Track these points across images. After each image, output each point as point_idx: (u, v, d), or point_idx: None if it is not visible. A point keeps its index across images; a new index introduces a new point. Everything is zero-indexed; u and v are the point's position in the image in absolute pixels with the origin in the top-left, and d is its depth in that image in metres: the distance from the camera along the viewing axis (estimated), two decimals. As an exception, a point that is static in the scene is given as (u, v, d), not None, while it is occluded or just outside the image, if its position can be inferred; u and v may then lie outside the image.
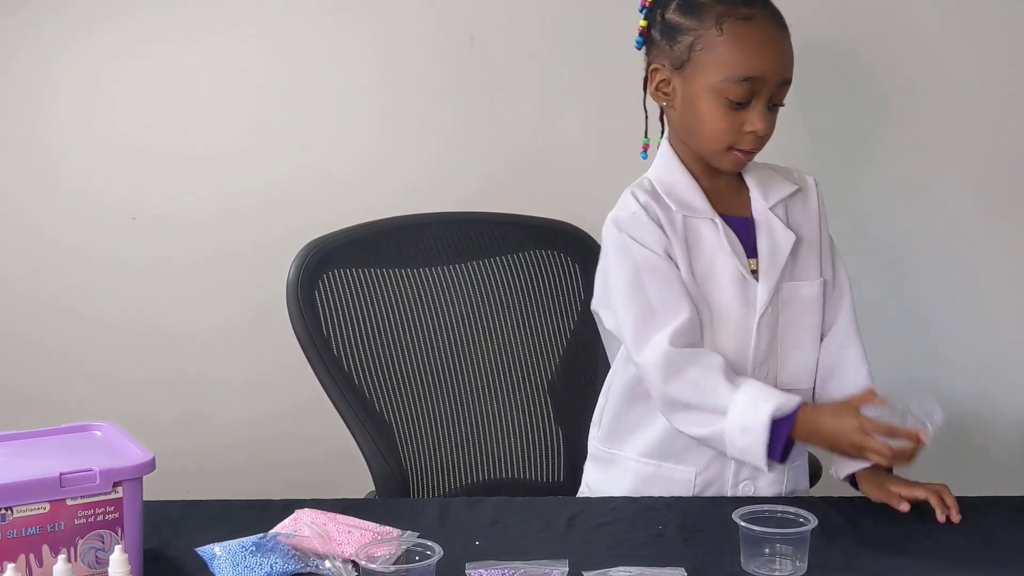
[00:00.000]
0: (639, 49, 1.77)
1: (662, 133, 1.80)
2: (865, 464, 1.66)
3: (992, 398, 2.37)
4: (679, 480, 1.75)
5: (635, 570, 1.39)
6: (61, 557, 1.26)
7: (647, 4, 1.74)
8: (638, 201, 1.71)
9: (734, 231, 1.72)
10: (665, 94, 1.73)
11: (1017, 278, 2.33)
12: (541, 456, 2.09)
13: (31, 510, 1.30)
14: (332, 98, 2.28)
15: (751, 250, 1.73)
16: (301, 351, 1.89)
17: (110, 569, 1.28)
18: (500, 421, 2.05)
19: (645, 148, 1.81)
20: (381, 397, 1.94)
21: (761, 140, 1.69)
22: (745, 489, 1.75)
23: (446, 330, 2.02)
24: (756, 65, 1.64)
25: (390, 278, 1.99)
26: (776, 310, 1.73)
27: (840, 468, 1.72)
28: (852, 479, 1.71)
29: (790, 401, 1.58)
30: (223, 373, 2.37)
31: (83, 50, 2.26)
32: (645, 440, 1.77)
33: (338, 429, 1.91)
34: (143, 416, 2.29)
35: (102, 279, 2.33)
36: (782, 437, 1.57)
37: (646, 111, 1.80)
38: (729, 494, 1.74)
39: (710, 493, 1.75)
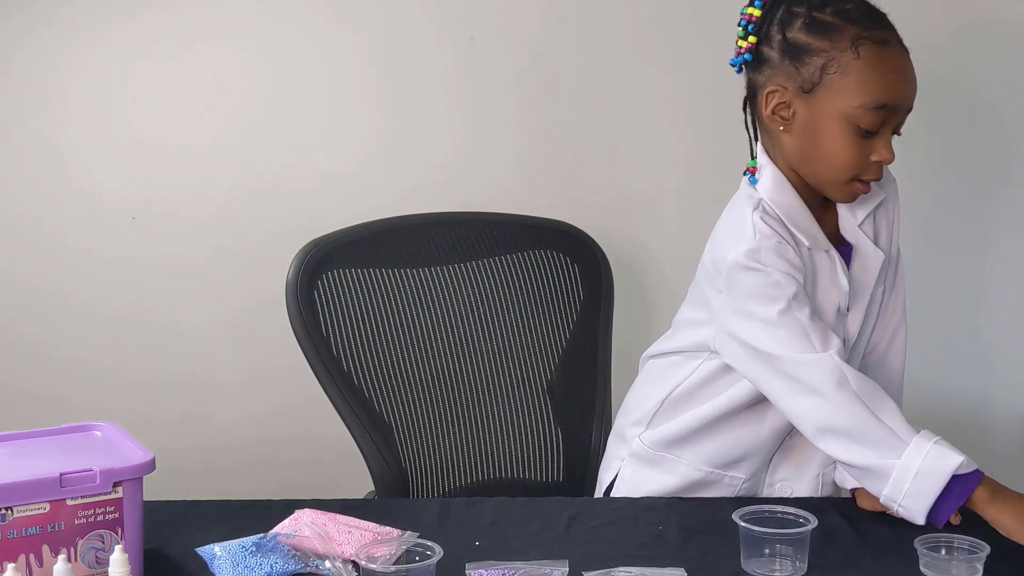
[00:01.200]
0: (735, 66, 1.66)
1: (752, 154, 1.70)
2: None
3: (992, 398, 2.37)
4: (726, 485, 1.75)
5: (635, 570, 1.39)
6: (61, 557, 1.26)
7: (754, 20, 1.62)
8: (772, 228, 1.61)
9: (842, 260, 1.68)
10: (783, 118, 1.62)
11: (1017, 277, 2.33)
12: (541, 456, 2.08)
13: (31, 510, 1.30)
14: (332, 98, 2.28)
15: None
16: (301, 351, 1.89)
17: (110, 569, 1.28)
18: (500, 421, 2.05)
19: (753, 171, 1.68)
20: (381, 397, 1.94)
21: (882, 171, 1.63)
22: (782, 489, 1.74)
23: (446, 330, 2.02)
24: (892, 91, 1.57)
25: (390, 278, 1.99)
26: (856, 332, 1.72)
27: (844, 478, 1.71)
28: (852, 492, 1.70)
29: (971, 462, 1.52)
30: (223, 372, 2.37)
31: (86, 51, 2.26)
32: (706, 448, 1.75)
33: (338, 429, 1.91)
34: (143, 415, 2.29)
35: (102, 278, 2.33)
36: (959, 493, 1.51)
37: (749, 133, 1.70)
38: (764, 494, 1.75)
39: (748, 494, 1.75)
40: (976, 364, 2.36)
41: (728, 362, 1.67)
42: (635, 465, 1.82)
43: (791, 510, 1.47)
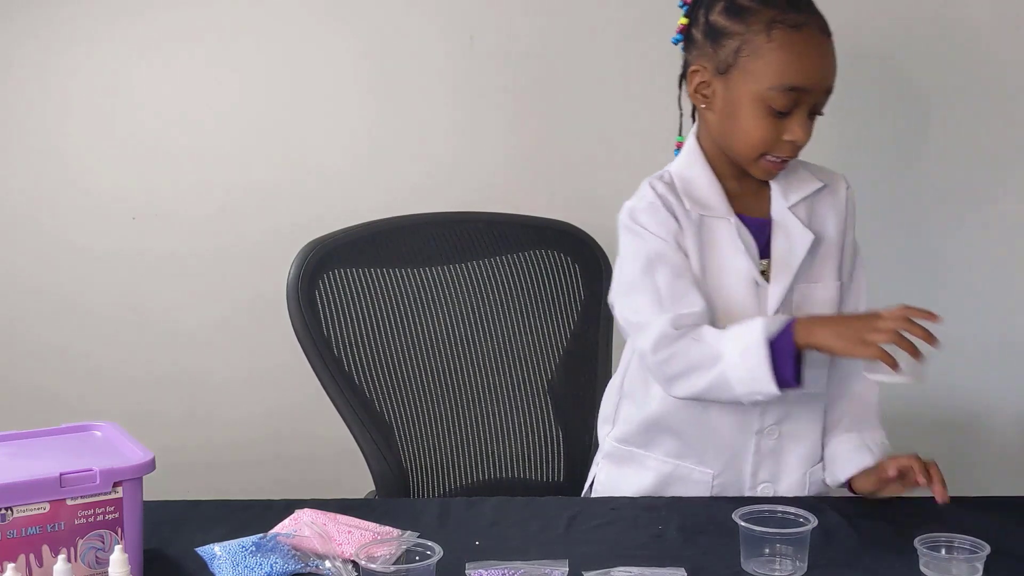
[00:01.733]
0: (676, 45, 1.74)
1: (680, 131, 1.78)
2: (865, 463, 1.67)
3: (992, 398, 2.37)
4: (697, 481, 1.74)
5: (635, 570, 1.39)
6: (61, 557, 1.26)
7: (687, 2, 1.72)
8: (655, 192, 1.70)
9: (751, 232, 1.71)
10: (704, 96, 1.70)
11: (1017, 277, 2.33)
12: (541, 456, 2.08)
13: (31, 510, 1.30)
14: (333, 98, 2.28)
15: (766, 251, 1.71)
16: (302, 351, 1.89)
17: (110, 569, 1.28)
18: (500, 421, 2.05)
19: (679, 146, 1.78)
20: (381, 397, 1.94)
21: (797, 149, 1.68)
22: (765, 491, 1.74)
23: (446, 330, 2.02)
24: (804, 74, 1.62)
25: (390, 278, 1.99)
26: (789, 312, 1.70)
27: (837, 470, 1.72)
28: (848, 485, 1.71)
29: (780, 318, 1.59)
30: (224, 372, 2.37)
31: (87, 51, 2.26)
32: (667, 439, 1.76)
33: (338, 429, 1.91)
34: (143, 414, 2.30)
35: (103, 277, 2.33)
36: (786, 352, 1.55)
37: (681, 109, 1.77)
38: (747, 494, 1.74)
39: (727, 494, 1.74)
40: (976, 364, 2.35)
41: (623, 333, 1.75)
42: (608, 466, 1.84)
43: (791, 510, 1.47)
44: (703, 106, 1.71)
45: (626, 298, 1.70)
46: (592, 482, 1.87)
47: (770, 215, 1.73)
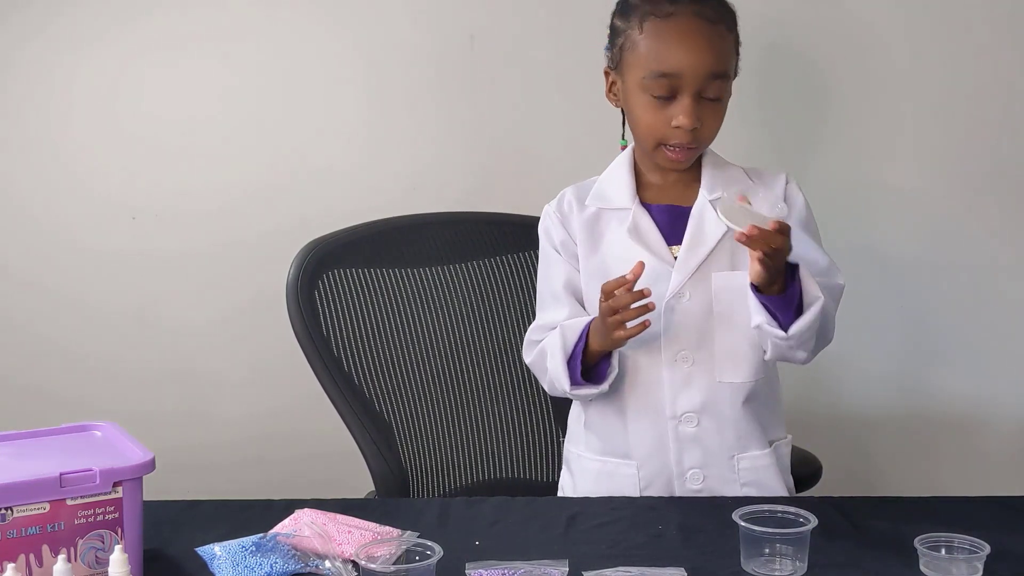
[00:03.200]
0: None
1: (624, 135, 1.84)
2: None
3: (991, 398, 2.37)
4: (625, 475, 1.76)
5: (635, 570, 1.39)
6: (61, 557, 1.26)
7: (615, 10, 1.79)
8: (558, 199, 1.81)
9: (667, 219, 1.75)
10: (615, 95, 1.79)
11: (1015, 277, 2.33)
12: (541, 456, 2.08)
13: (31, 510, 1.30)
14: (333, 98, 2.29)
15: (680, 239, 1.74)
16: (301, 351, 1.89)
17: (110, 569, 1.28)
18: (500, 421, 2.05)
19: (624, 149, 1.83)
20: (381, 397, 1.94)
21: (693, 135, 1.69)
22: (694, 478, 1.74)
23: (446, 330, 2.02)
24: (672, 61, 1.67)
25: (390, 278, 1.99)
26: (706, 299, 1.72)
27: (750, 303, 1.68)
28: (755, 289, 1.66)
29: (582, 320, 1.71)
30: (224, 372, 2.37)
31: (87, 52, 2.27)
32: (593, 437, 1.81)
33: (338, 429, 1.91)
34: (143, 413, 2.30)
35: (103, 277, 2.33)
36: (578, 354, 1.68)
37: (623, 113, 1.81)
38: (677, 492, 1.75)
39: (657, 489, 1.75)
40: (976, 364, 2.35)
41: None
42: (564, 471, 1.90)
43: (791, 510, 1.46)
44: (615, 105, 1.79)
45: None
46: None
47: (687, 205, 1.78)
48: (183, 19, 2.25)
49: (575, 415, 1.86)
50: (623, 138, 1.83)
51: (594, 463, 1.80)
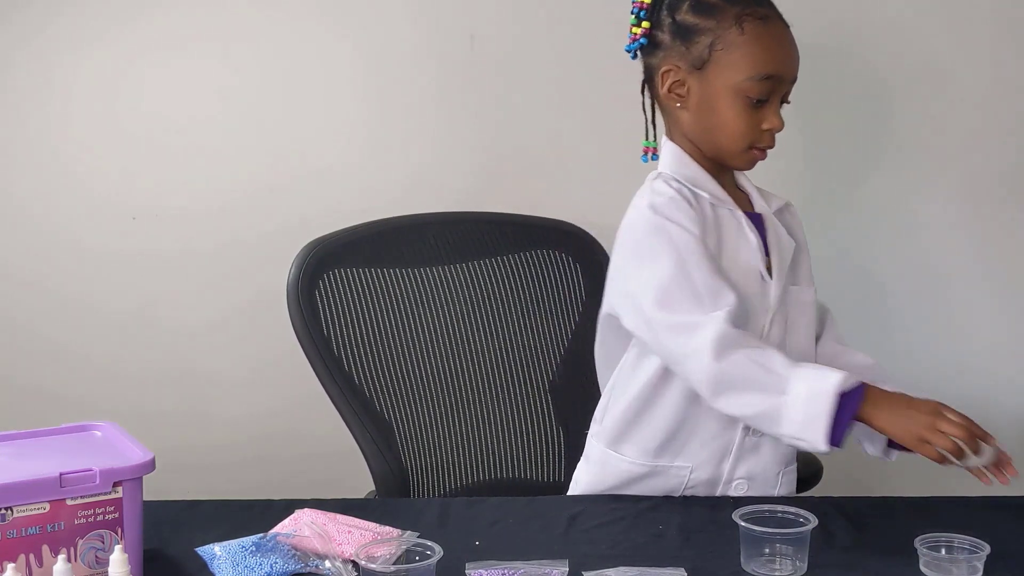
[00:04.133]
0: (630, 52, 1.76)
1: (651, 135, 1.78)
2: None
3: (991, 398, 2.37)
4: (674, 475, 1.73)
5: (635, 570, 1.39)
6: (61, 557, 1.26)
7: (644, 6, 1.73)
8: (670, 186, 1.69)
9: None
10: (679, 95, 1.72)
11: (1015, 277, 2.33)
12: (541, 456, 2.09)
13: (31, 510, 1.30)
14: (333, 98, 2.29)
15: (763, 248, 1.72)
16: (302, 351, 1.89)
17: (110, 569, 1.28)
18: (500, 421, 2.05)
19: (647, 152, 1.77)
20: (381, 397, 1.94)
21: (774, 138, 1.71)
22: (739, 487, 1.73)
23: (447, 330, 2.02)
24: (776, 63, 1.67)
25: (391, 278, 1.99)
26: (785, 312, 1.72)
27: (876, 438, 1.66)
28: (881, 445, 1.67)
29: (852, 377, 1.53)
30: (224, 372, 2.37)
31: (88, 53, 2.26)
32: (646, 440, 1.74)
33: (338, 429, 1.91)
34: (143, 412, 2.30)
35: (103, 277, 2.33)
36: (849, 409, 1.51)
37: (645, 114, 1.78)
38: (719, 492, 1.74)
39: (697, 492, 1.73)
40: (976, 364, 2.35)
41: (628, 328, 1.69)
42: (585, 465, 1.82)
43: (791, 510, 1.47)
44: (677, 105, 1.72)
45: (660, 298, 1.61)
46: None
47: (755, 211, 1.76)
48: (183, 19, 2.25)
49: (623, 417, 1.75)
50: (652, 139, 1.77)
51: (639, 468, 1.74)
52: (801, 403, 1.51)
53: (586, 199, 2.28)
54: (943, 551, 1.42)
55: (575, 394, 2.09)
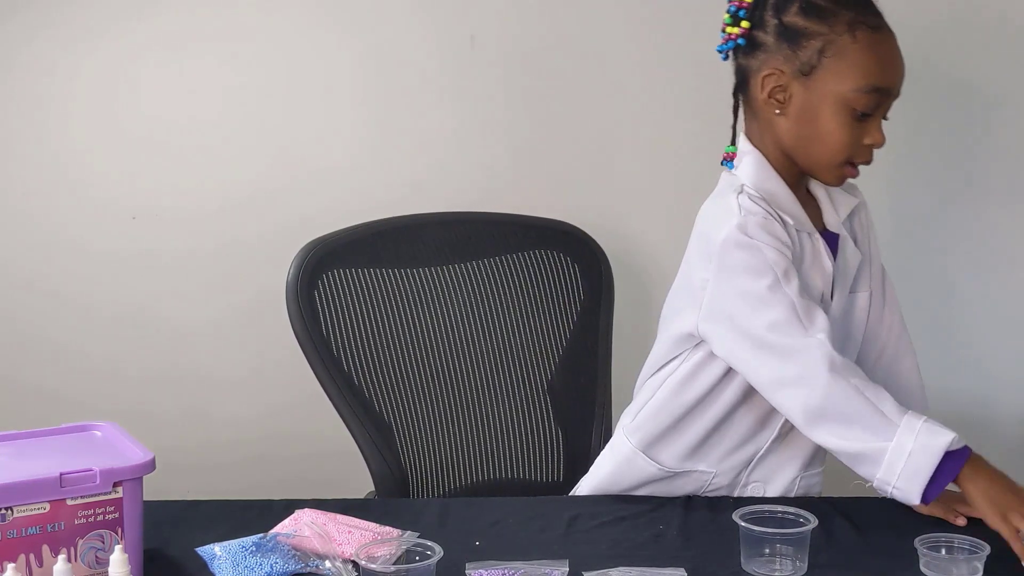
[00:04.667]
0: (722, 52, 1.68)
1: (736, 141, 1.71)
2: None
3: (991, 398, 2.37)
4: (695, 479, 1.72)
5: (635, 570, 1.39)
6: (61, 557, 1.26)
7: (745, 6, 1.64)
8: (760, 206, 1.61)
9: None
10: (779, 101, 1.63)
11: (1015, 276, 2.33)
12: (541, 456, 2.08)
13: (31, 510, 1.30)
14: (333, 98, 2.28)
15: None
16: (301, 351, 1.89)
17: (110, 569, 1.28)
18: (500, 421, 2.05)
19: (728, 157, 1.70)
20: (381, 397, 1.94)
21: (873, 154, 1.65)
22: (755, 491, 1.73)
23: (446, 330, 2.02)
24: (888, 75, 1.60)
25: (390, 278, 1.99)
26: (838, 324, 1.70)
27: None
28: None
29: (961, 440, 1.52)
30: (224, 372, 2.37)
31: (89, 52, 2.26)
32: (680, 447, 1.72)
33: (338, 429, 1.91)
34: (143, 412, 2.30)
35: (103, 277, 2.33)
36: (951, 470, 1.50)
37: (735, 117, 1.71)
38: (736, 494, 1.73)
39: (715, 492, 1.73)
40: (976, 364, 2.35)
41: (715, 350, 1.65)
42: (606, 459, 1.78)
43: (791, 510, 1.47)
44: (776, 112, 1.64)
45: (755, 316, 1.57)
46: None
47: (826, 227, 1.71)
48: (184, 19, 2.25)
49: (662, 421, 1.72)
50: (733, 143, 1.69)
51: (664, 472, 1.72)
52: (906, 456, 1.49)
53: (586, 199, 2.28)
54: (943, 551, 1.42)
55: (574, 394, 2.09)
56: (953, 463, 1.50)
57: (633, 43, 2.25)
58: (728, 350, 1.62)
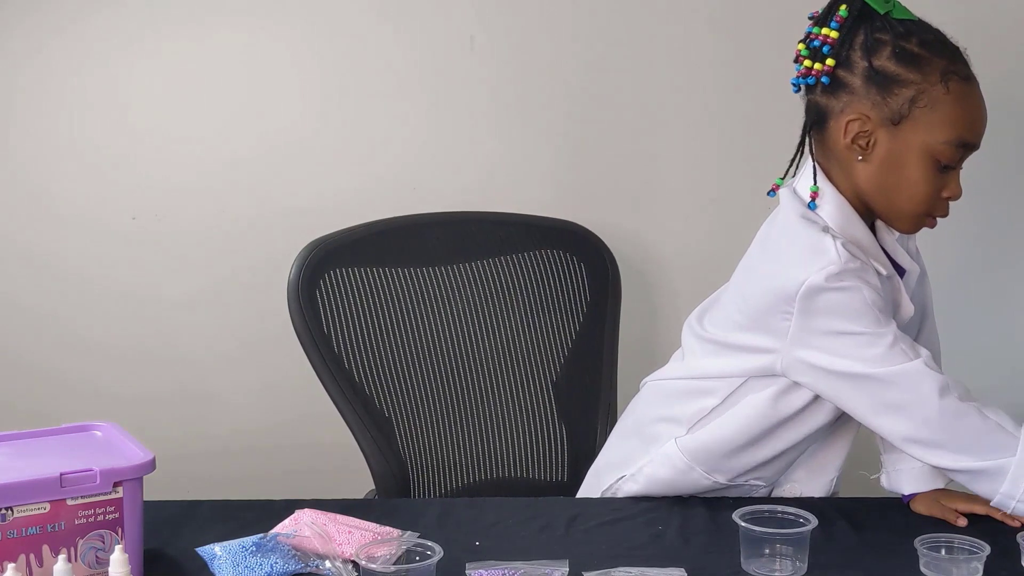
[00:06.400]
0: (796, 86, 1.62)
1: (792, 176, 1.66)
2: (934, 485, 1.64)
3: (991, 398, 2.36)
4: (747, 490, 1.71)
5: (635, 570, 1.39)
6: (61, 557, 1.26)
7: (831, 42, 1.56)
8: (852, 255, 1.54)
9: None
10: (862, 147, 1.58)
11: (1015, 276, 2.33)
12: (545, 456, 2.08)
13: (31, 510, 1.30)
14: (334, 98, 2.28)
15: None
16: (303, 350, 1.89)
17: (110, 569, 1.28)
18: (503, 421, 2.05)
19: (775, 188, 1.65)
20: (382, 397, 1.94)
21: (950, 207, 1.62)
22: (792, 490, 1.72)
23: (447, 330, 2.02)
24: (976, 130, 1.57)
25: (393, 278, 1.99)
26: None
27: (903, 481, 1.67)
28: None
29: None
30: (225, 371, 2.37)
31: (89, 52, 2.26)
32: (740, 467, 1.69)
33: (339, 428, 1.91)
34: (143, 411, 2.29)
35: (102, 276, 2.32)
36: None
37: (806, 155, 1.64)
38: (774, 494, 1.73)
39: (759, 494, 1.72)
40: (976, 364, 2.35)
41: (802, 383, 1.60)
42: (659, 466, 1.71)
43: (791, 510, 1.47)
44: (859, 158, 1.59)
45: (858, 352, 1.53)
46: (630, 474, 1.74)
47: (894, 261, 1.68)
48: (186, 21, 2.25)
49: (727, 442, 1.66)
50: (788, 178, 1.64)
51: (719, 486, 1.70)
52: None
53: (591, 199, 2.28)
54: (943, 551, 1.42)
55: (579, 394, 2.09)
56: None
57: (635, 41, 2.25)
58: (819, 386, 1.59)
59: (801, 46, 1.60)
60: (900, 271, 1.68)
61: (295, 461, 2.36)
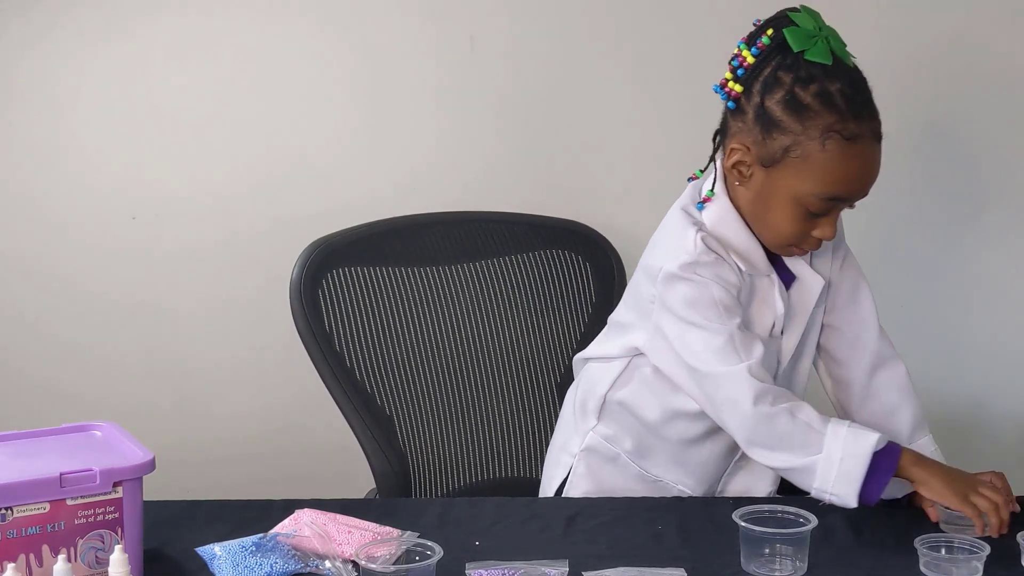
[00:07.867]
0: (717, 92, 1.65)
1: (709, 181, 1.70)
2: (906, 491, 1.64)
3: (991, 398, 2.37)
4: (672, 491, 1.76)
5: (635, 570, 1.39)
6: (61, 557, 1.26)
7: (746, 66, 1.60)
8: (710, 248, 1.62)
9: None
10: (740, 174, 1.63)
11: (1015, 276, 2.33)
12: (545, 455, 2.08)
13: (31, 510, 1.30)
14: (335, 98, 2.28)
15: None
16: (304, 349, 1.89)
17: (110, 569, 1.28)
18: (503, 420, 2.05)
19: (694, 177, 1.72)
20: (384, 396, 1.94)
21: (820, 243, 1.66)
22: (733, 490, 1.76)
23: (448, 329, 2.02)
24: (846, 187, 1.58)
25: (394, 277, 1.99)
26: (793, 363, 1.74)
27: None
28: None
29: (885, 438, 1.56)
30: (226, 371, 2.37)
31: (90, 52, 2.26)
32: (653, 455, 1.77)
33: (340, 428, 1.91)
34: (144, 412, 2.30)
35: (104, 276, 2.33)
36: (881, 473, 1.54)
37: (714, 153, 1.69)
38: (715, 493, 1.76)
39: (692, 492, 1.76)
40: (975, 364, 2.35)
41: (659, 366, 1.69)
42: (590, 460, 1.79)
43: (791, 510, 1.47)
44: (736, 183, 1.65)
45: (695, 343, 1.61)
46: (568, 474, 1.81)
47: (784, 264, 1.71)
48: (185, 19, 2.25)
49: (635, 426, 1.76)
50: (713, 190, 1.67)
51: (647, 476, 1.77)
52: (835, 463, 1.54)
53: (596, 198, 2.28)
54: (943, 551, 1.42)
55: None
56: (887, 460, 1.55)
57: (634, 42, 2.25)
58: (671, 371, 1.68)
59: (732, 60, 1.63)
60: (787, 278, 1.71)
61: (297, 460, 2.36)
